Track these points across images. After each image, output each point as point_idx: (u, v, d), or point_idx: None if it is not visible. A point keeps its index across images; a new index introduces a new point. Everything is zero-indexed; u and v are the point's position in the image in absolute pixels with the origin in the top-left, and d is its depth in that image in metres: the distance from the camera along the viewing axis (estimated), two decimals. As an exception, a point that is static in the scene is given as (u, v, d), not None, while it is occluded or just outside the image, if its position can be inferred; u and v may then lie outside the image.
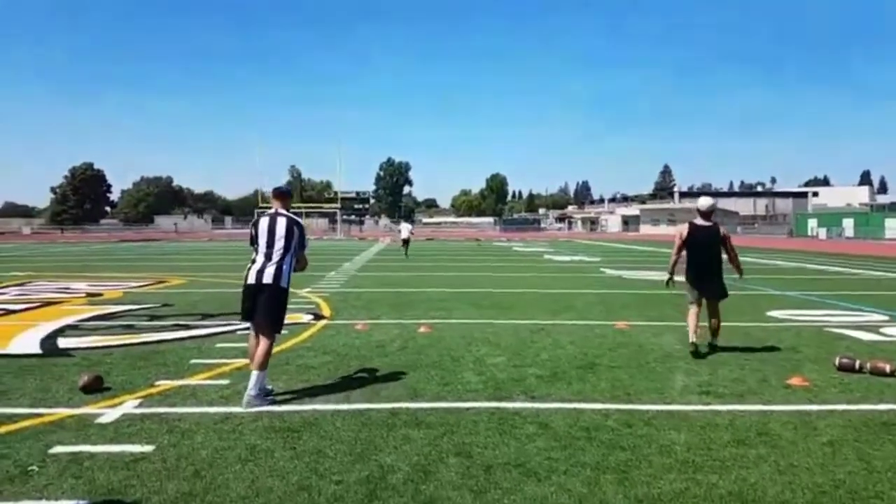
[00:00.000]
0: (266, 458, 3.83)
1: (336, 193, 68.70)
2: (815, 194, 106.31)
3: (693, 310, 7.00)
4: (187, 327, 8.39)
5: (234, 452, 3.93)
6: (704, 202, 7.20)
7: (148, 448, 3.98)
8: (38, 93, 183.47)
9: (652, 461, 3.83)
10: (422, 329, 8.20)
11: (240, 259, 25.31)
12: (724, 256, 7.06)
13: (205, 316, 9.41)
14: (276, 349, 6.84)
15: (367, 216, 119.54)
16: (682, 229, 7.23)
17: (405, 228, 28.25)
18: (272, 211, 5.38)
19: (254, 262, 5.23)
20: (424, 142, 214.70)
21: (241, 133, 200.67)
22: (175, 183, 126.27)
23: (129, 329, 8.27)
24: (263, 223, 5.28)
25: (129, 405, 4.87)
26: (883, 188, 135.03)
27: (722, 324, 7.06)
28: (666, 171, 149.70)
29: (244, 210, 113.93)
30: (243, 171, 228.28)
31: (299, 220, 5.41)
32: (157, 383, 5.51)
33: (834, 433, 4.32)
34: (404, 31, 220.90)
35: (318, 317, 9.38)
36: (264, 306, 5.15)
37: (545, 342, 7.46)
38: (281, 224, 5.25)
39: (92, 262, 23.72)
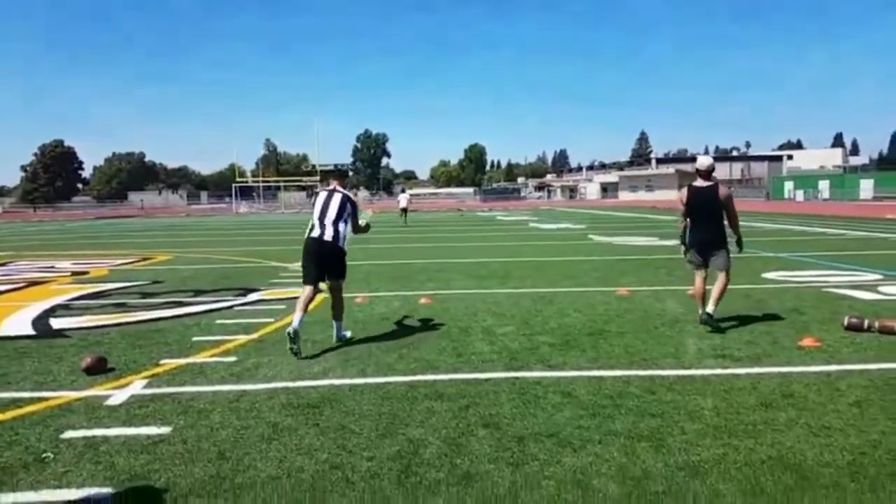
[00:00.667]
0: (291, 437, 3.71)
1: (314, 166, 67.83)
2: (790, 157, 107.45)
3: (698, 278, 6.68)
4: (182, 304, 8.18)
5: (255, 431, 3.80)
6: (703, 161, 6.77)
7: (165, 430, 3.83)
8: (6, 69, 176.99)
9: (684, 427, 3.78)
10: (423, 300, 8.08)
11: (222, 234, 24.93)
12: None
13: (198, 292, 9.19)
14: (278, 325, 6.75)
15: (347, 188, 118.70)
16: (683, 193, 6.86)
17: (403, 198, 29.95)
18: (330, 187, 6.24)
19: (312, 227, 6.05)
20: (401, 113, 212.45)
21: (214, 107, 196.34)
22: (148, 158, 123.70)
23: (123, 307, 8.04)
24: (322, 196, 6.17)
25: (137, 386, 4.70)
26: (855, 150, 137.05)
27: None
28: (642, 138, 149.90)
29: (219, 185, 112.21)
30: (217, 145, 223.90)
31: (352, 196, 6.29)
32: (162, 362, 5.34)
33: (858, 393, 4.30)
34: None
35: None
36: (328, 262, 6.04)
37: (550, 311, 7.39)
38: (336, 198, 6.10)
39: (71, 240, 23.16)
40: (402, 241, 18.86)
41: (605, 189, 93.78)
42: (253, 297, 8.73)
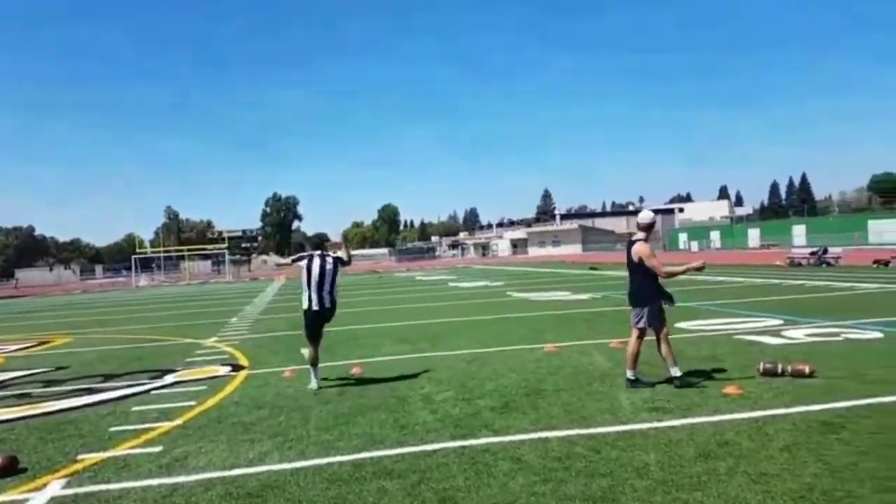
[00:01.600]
0: (236, 532, 3.48)
1: (220, 233, 65.85)
2: (681, 210, 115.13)
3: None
4: (92, 391, 7.60)
5: (196, 530, 3.54)
6: (641, 215, 6.61)
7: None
8: None
9: (634, 485, 3.85)
10: (354, 370, 7.91)
11: (124, 311, 23.57)
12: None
13: (108, 377, 8.58)
14: (201, 408, 6.42)
15: (255, 255, 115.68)
16: None
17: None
18: (318, 252, 7.32)
19: (310, 293, 7.21)
20: (312, 176, 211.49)
21: (106, 175, 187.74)
22: (37, 232, 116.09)
23: (26, 398, 7.37)
24: (316, 263, 7.21)
25: (56, 486, 4.29)
26: (739, 201, 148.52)
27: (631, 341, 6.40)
28: (546, 196, 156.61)
29: (115, 257, 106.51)
30: (112, 215, 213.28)
31: (338, 257, 7.47)
32: (80, 458, 4.91)
33: (785, 437, 4.55)
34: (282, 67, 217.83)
35: (235, 367, 8.82)
36: (323, 325, 7.46)
37: (485, 372, 7.42)
38: (329, 262, 7.29)
39: (-50, 325, 21.12)
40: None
41: (516, 245, 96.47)
42: (169, 378, 8.25)
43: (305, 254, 7.44)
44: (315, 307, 7.22)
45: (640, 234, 6.48)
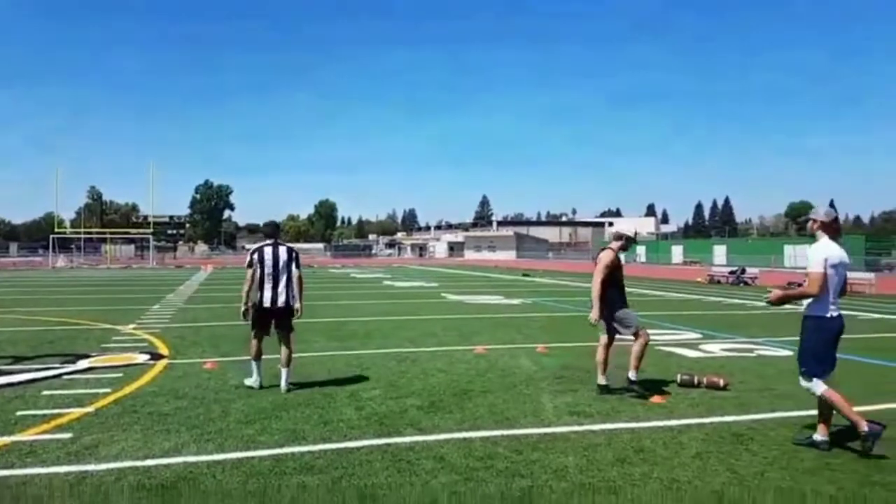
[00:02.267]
0: (146, 525, 3.35)
1: (146, 217, 63.29)
2: (611, 224, 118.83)
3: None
4: (0, 373, 7.15)
5: (103, 521, 3.39)
6: (615, 228, 6.82)
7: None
8: None
9: (553, 486, 3.94)
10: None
11: (39, 292, 22.34)
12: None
13: (17, 359, 8.10)
14: (116, 395, 6.18)
15: (181, 242, 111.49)
16: None
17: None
18: (271, 242, 6.58)
19: (263, 287, 6.40)
20: (246, 165, 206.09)
21: (27, 149, 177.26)
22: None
23: (-80, 380, 6.85)
24: (268, 252, 6.47)
25: (-50, 474, 4.01)
26: (665, 219, 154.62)
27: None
28: (485, 202, 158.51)
29: (33, 236, 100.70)
30: (31, 192, 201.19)
31: (293, 246, 6.85)
32: (-20, 443, 4.62)
33: (698, 446, 4.76)
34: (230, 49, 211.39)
35: (154, 356, 8.50)
36: (281, 323, 6.59)
37: (415, 371, 7.43)
38: (283, 252, 6.53)
39: None
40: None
41: (452, 248, 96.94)
42: (83, 364, 7.87)
43: (255, 246, 6.73)
44: (266, 304, 6.42)
45: (614, 244, 6.64)
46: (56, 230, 53.81)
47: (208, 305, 16.32)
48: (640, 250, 71.26)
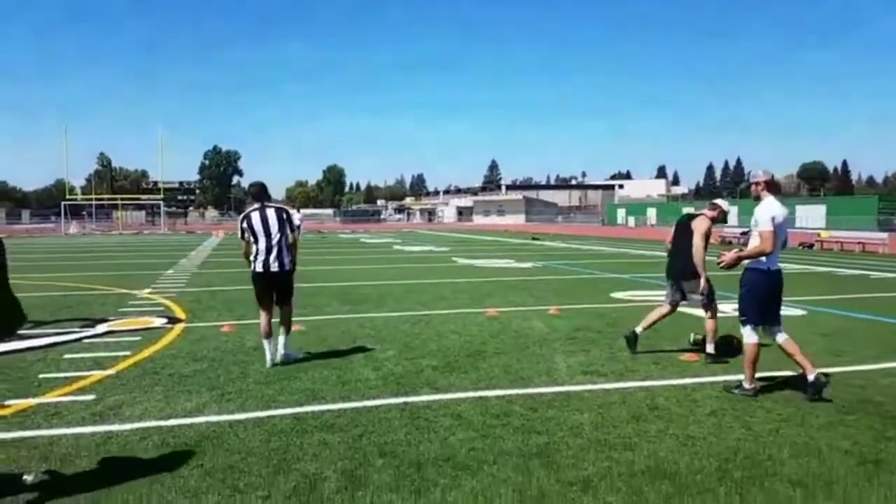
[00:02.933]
0: (173, 480, 3.43)
1: (156, 183, 63.44)
2: (621, 186, 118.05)
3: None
4: (21, 337, 7.25)
5: (132, 477, 3.47)
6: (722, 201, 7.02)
7: (26, 479, 3.39)
8: None
9: (569, 443, 4.00)
10: (296, 328, 7.81)
11: (54, 258, 22.56)
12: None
13: (38, 323, 8.22)
14: (135, 358, 6.26)
15: (192, 208, 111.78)
16: None
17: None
18: (258, 205, 6.13)
19: (257, 253, 6.06)
20: (255, 130, 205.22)
21: (38, 118, 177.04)
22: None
23: (-56, 344, 6.99)
24: (255, 218, 6.07)
25: (-21, 433, 4.12)
26: (676, 181, 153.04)
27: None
28: (493, 166, 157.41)
29: (44, 202, 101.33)
30: (42, 159, 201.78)
31: (284, 206, 6.35)
32: (7, 403, 4.73)
33: (712, 404, 4.80)
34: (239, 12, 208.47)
35: (172, 320, 8.61)
36: (279, 290, 6.20)
37: (429, 333, 7.50)
38: (271, 214, 6.09)
39: None
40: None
41: (461, 213, 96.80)
42: (101, 328, 7.99)
43: (243, 214, 6.31)
44: (259, 269, 6.07)
45: (709, 212, 6.69)
46: (67, 197, 54.04)
47: (222, 270, 16.43)
48: (651, 212, 70.91)
